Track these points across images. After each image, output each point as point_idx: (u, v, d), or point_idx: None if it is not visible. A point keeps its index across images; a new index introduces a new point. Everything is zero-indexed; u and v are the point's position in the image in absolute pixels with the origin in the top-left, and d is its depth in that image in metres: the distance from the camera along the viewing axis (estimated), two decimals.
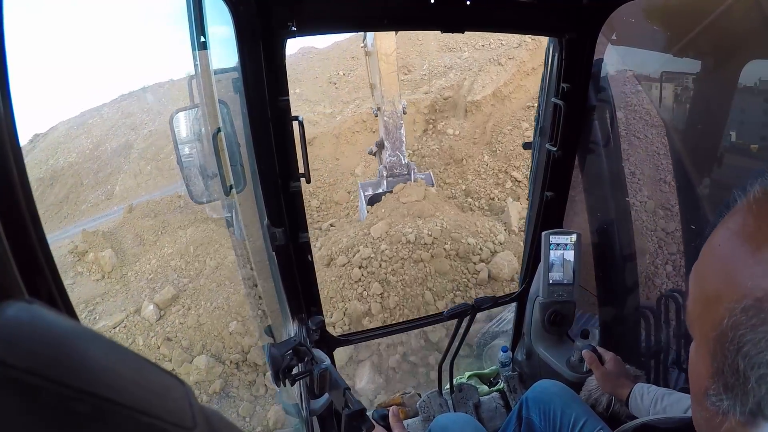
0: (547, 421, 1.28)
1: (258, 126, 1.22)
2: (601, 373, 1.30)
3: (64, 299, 0.38)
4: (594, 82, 1.60)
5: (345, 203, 10.01)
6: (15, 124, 0.36)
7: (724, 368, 0.41)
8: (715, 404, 0.43)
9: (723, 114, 1.35)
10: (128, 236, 9.51)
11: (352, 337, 1.79)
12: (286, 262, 1.41)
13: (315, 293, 1.55)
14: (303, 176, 1.35)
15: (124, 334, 6.92)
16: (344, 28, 1.31)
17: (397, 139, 6.86)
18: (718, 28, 1.31)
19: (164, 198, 10.56)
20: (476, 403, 1.88)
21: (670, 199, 1.70)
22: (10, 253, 0.29)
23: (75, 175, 14.94)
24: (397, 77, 6.44)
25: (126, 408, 0.20)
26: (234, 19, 1.09)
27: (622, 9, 1.43)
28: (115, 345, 0.23)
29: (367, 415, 1.05)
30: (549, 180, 1.71)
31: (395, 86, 6.51)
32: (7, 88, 0.36)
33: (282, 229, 1.33)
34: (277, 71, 1.19)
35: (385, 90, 6.37)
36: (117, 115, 17.49)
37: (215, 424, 0.25)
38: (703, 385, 0.45)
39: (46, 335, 0.21)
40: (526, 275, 1.90)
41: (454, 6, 1.28)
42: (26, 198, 0.35)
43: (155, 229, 9.59)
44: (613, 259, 1.86)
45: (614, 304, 1.91)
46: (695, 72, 1.51)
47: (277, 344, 1.17)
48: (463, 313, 1.63)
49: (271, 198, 1.32)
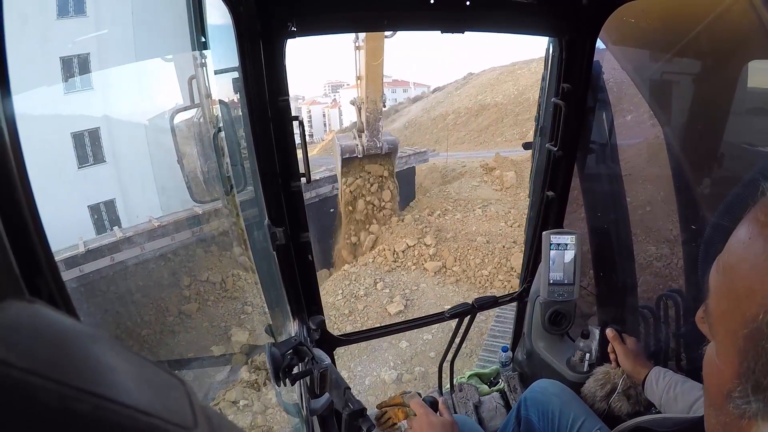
0: (545, 421, 1.28)
1: (258, 126, 1.22)
2: (623, 350, 1.31)
3: (65, 299, 0.38)
4: (594, 83, 1.60)
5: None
6: (15, 124, 0.36)
7: (756, 368, 0.38)
8: (740, 407, 0.40)
9: (723, 114, 1.35)
10: (530, 169, 11.79)
11: (353, 336, 1.79)
12: (286, 261, 1.41)
13: (315, 293, 1.55)
14: (303, 176, 1.35)
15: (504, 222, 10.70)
16: (344, 28, 1.31)
17: (375, 129, 7.81)
18: (718, 28, 1.31)
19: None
20: (476, 403, 1.88)
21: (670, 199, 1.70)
22: (11, 253, 0.30)
23: (498, 113, 18.71)
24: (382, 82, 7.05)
25: (126, 408, 0.20)
26: (234, 19, 1.09)
27: (622, 9, 1.43)
28: (116, 345, 0.23)
29: (367, 414, 1.05)
30: (549, 180, 1.71)
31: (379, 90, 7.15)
32: (8, 88, 0.36)
33: (282, 229, 1.33)
34: (277, 71, 1.19)
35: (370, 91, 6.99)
36: (528, 74, 20.42)
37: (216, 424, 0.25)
38: (725, 387, 0.42)
39: (46, 335, 0.21)
40: (527, 275, 1.91)
41: (454, 6, 1.28)
42: (26, 198, 0.35)
43: None
44: (613, 258, 1.86)
45: (614, 304, 1.91)
46: (695, 72, 1.50)
47: (278, 344, 1.17)
48: (464, 312, 1.64)
49: (271, 198, 1.32)
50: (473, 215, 11.18)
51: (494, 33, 1.44)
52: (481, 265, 9.85)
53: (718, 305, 0.43)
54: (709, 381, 0.46)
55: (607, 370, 1.37)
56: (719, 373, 0.43)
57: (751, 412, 0.39)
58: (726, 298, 0.42)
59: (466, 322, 1.68)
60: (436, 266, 9.98)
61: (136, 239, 8.76)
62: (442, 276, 9.87)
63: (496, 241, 10.23)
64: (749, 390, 0.39)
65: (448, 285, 9.65)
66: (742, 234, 0.41)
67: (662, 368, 1.20)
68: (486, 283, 9.49)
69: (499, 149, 15.04)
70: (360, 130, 7.66)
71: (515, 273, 9.19)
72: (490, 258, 9.90)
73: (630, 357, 1.29)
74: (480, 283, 9.52)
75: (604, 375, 1.36)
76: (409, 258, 10.25)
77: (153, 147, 8.88)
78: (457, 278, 9.77)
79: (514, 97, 19.56)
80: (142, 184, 9.44)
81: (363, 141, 7.72)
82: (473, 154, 12.34)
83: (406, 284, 9.67)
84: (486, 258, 9.93)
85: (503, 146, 15.86)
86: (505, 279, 9.45)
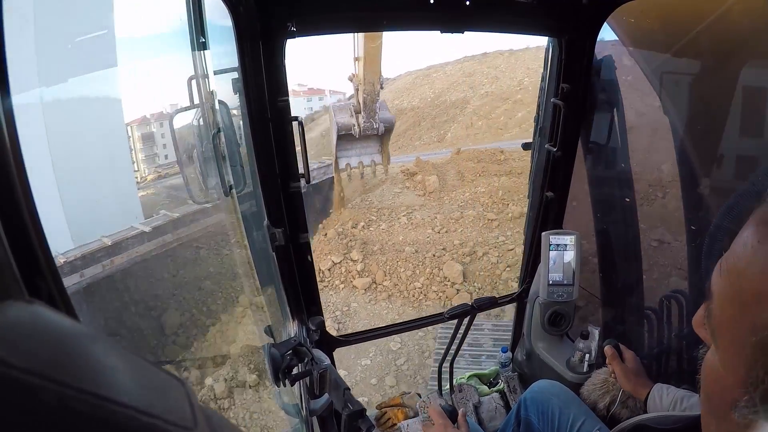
0: (545, 422, 1.28)
1: (258, 126, 1.22)
2: (622, 369, 1.27)
3: (64, 299, 0.38)
4: (594, 83, 1.60)
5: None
6: (15, 124, 0.36)
7: (766, 377, 0.36)
8: (746, 417, 0.38)
9: (723, 114, 1.35)
10: (452, 171, 12.11)
11: (352, 337, 1.79)
12: (285, 262, 1.41)
13: (315, 293, 1.55)
14: (303, 176, 1.35)
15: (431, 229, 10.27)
16: (344, 28, 1.31)
17: (372, 110, 7.51)
18: (718, 28, 1.31)
19: (488, 150, 13.01)
20: (476, 403, 1.88)
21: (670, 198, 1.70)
22: (10, 253, 0.29)
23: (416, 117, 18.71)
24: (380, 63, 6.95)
25: (126, 408, 0.20)
26: (234, 19, 1.09)
27: (622, 9, 1.43)
28: (115, 345, 0.23)
29: (367, 415, 1.05)
30: (549, 180, 1.71)
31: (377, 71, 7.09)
32: (7, 88, 0.36)
33: (282, 230, 1.33)
34: (277, 72, 1.19)
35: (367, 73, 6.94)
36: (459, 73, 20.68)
37: (215, 424, 0.25)
38: (729, 396, 0.40)
39: (46, 335, 0.21)
40: (526, 275, 1.91)
41: (454, 6, 1.28)
42: (26, 198, 0.35)
43: (475, 172, 11.94)
44: (613, 259, 1.86)
45: (613, 305, 1.91)
46: (695, 72, 1.51)
47: (277, 344, 1.17)
48: (463, 313, 1.64)
49: (271, 198, 1.32)
50: (398, 224, 10.65)
51: (494, 33, 1.45)
52: (412, 277, 9.20)
53: (723, 311, 0.41)
54: (711, 389, 0.44)
55: (606, 378, 1.34)
56: (722, 381, 0.41)
57: (759, 422, 0.38)
58: (732, 304, 0.40)
59: (466, 323, 1.68)
60: (366, 282, 9.29)
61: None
62: (372, 292, 9.20)
63: (425, 250, 9.72)
64: (757, 399, 0.37)
65: (380, 302, 9.00)
66: (749, 237, 0.39)
67: (664, 385, 1.17)
68: (419, 295, 8.85)
69: (418, 153, 14.83)
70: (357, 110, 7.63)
71: (449, 282, 8.83)
72: (421, 269, 9.31)
73: (630, 377, 1.25)
74: (414, 297, 8.85)
75: (603, 383, 1.33)
76: (336, 276, 9.54)
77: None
78: (389, 293, 9.04)
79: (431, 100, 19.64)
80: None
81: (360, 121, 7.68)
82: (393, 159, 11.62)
83: (336, 305, 8.97)
84: (417, 269, 9.32)
85: (422, 150, 15.82)
86: (439, 290, 8.81)
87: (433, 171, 12.15)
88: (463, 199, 11.09)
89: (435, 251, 9.72)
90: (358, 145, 8.05)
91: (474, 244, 9.61)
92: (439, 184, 11.82)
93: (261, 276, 1.95)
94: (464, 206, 10.83)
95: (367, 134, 8.04)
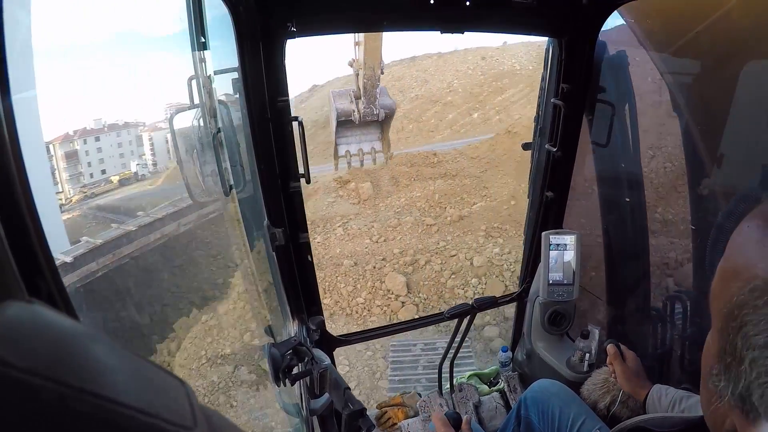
0: (545, 421, 1.28)
1: (258, 126, 1.22)
2: (622, 369, 1.27)
3: (64, 299, 0.38)
4: (593, 83, 1.60)
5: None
6: (15, 124, 0.36)
7: (726, 347, 0.40)
8: (714, 384, 0.42)
9: (723, 114, 1.35)
10: (386, 177, 11.87)
11: (352, 337, 1.80)
12: (286, 262, 1.41)
13: (315, 293, 1.55)
14: (303, 176, 1.35)
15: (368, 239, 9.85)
16: (344, 28, 1.31)
17: (372, 96, 7.35)
18: (718, 28, 1.31)
19: (420, 153, 12.84)
20: (476, 403, 1.88)
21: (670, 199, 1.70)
22: (10, 253, 0.29)
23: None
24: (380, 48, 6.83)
25: (126, 407, 0.20)
26: (234, 19, 1.09)
27: (622, 9, 1.43)
28: (115, 345, 0.23)
29: (367, 415, 1.05)
30: (549, 180, 1.71)
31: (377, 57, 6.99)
32: (7, 88, 0.36)
33: (282, 230, 1.33)
34: (277, 72, 1.19)
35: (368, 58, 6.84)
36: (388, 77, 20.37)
37: (215, 424, 0.25)
38: (708, 364, 0.44)
39: (46, 335, 0.21)
40: (526, 275, 1.91)
41: (454, 7, 1.28)
42: (26, 198, 0.35)
43: (410, 176, 11.83)
44: (613, 259, 1.86)
45: (613, 305, 1.91)
46: (695, 72, 1.50)
47: (278, 344, 1.17)
48: (463, 313, 1.64)
49: (271, 198, 1.32)
50: (334, 235, 10.09)
51: (494, 33, 1.45)
52: (354, 292, 8.59)
53: (716, 285, 0.45)
54: (703, 358, 0.48)
55: (606, 378, 1.34)
56: (708, 351, 0.45)
57: (721, 389, 0.41)
58: (721, 279, 0.45)
59: (466, 323, 1.68)
60: None
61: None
62: None
63: (364, 262, 9.14)
64: (722, 369, 0.41)
65: None
66: (745, 221, 0.44)
67: (663, 386, 1.18)
68: (363, 311, 8.29)
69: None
70: (357, 96, 7.50)
71: (393, 295, 8.30)
72: (362, 282, 8.68)
73: (630, 377, 1.26)
74: (357, 313, 8.30)
75: (603, 383, 1.34)
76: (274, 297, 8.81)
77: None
78: (330, 312, 8.15)
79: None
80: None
81: (360, 107, 7.56)
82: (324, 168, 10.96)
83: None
84: (357, 283, 8.69)
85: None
86: (383, 304, 8.29)
87: (366, 177, 11.56)
88: (399, 204, 10.83)
89: (375, 262, 9.11)
90: (358, 131, 7.86)
91: (415, 251, 9.16)
92: (374, 190, 11.43)
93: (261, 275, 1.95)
94: (401, 212, 10.50)
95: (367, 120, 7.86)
